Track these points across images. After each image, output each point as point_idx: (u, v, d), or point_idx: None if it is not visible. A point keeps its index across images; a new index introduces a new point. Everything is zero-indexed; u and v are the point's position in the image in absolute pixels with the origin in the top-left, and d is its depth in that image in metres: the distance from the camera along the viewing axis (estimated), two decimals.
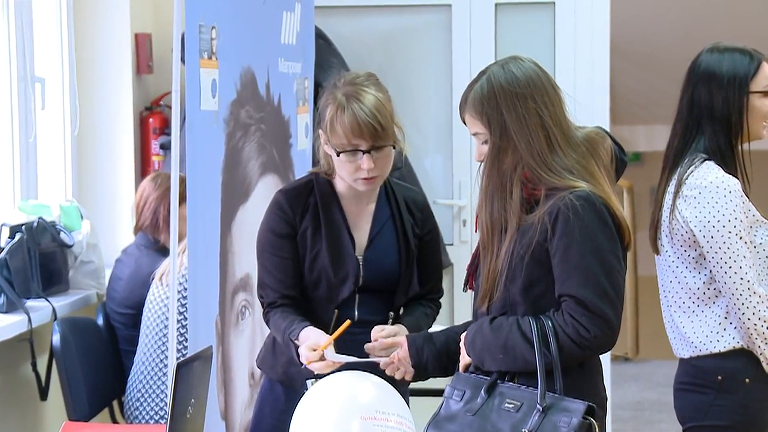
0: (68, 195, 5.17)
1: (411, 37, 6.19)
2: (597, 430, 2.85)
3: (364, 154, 3.28)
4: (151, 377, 4.53)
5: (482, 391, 2.97)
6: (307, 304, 3.41)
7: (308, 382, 2.98)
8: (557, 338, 2.89)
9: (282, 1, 4.56)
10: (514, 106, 2.98)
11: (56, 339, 4.41)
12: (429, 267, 3.50)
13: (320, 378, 2.88)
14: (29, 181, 4.95)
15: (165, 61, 5.39)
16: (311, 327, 3.31)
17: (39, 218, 4.62)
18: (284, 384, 3.45)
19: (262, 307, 3.47)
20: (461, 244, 6.18)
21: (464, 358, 3.07)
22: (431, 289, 3.52)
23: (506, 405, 2.92)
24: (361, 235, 3.42)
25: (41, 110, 5.01)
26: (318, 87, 5.58)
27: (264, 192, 4.37)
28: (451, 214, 6.20)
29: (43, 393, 4.48)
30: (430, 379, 5.90)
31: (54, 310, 4.48)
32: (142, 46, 5.37)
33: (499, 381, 2.98)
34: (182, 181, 3.87)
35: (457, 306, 6.18)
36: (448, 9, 6.14)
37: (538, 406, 2.87)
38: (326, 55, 5.79)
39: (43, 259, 4.58)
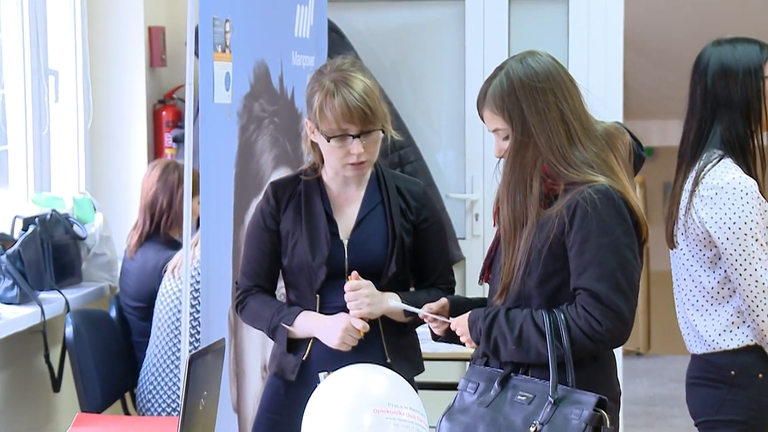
0: (81, 187, 5.18)
1: (424, 30, 6.19)
2: (608, 422, 2.84)
3: (354, 138, 3.29)
4: (163, 369, 4.54)
5: (496, 384, 2.98)
6: (290, 293, 3.46)
7: (320, 375, 2.98)
8: (569, 331, 2.90)
9: None
10: (534, 100, 2.98)
11: (69, 331, 4.42)
12: (430, 256, 3.48)
13: (333, 371, 2.88)
14: (43, 174, 4.97)
15: (178, 54, 5.39)
16: (306, 311, 3.37)
17: (52, 211, 4.63)
18: (278, 376, 3.47)
19: (237, 292, 3.51)
20: (474, 238, 6.18)
21: (465, 336, 3.10)
22: (438, 279, 3.50)
23: (519, 397, 2.93)
24: (348, 219, 3.42)
25: (55, 103, 5.02)
26: None
27: None
28: (464, 209, 6.20)
29: (56, 385, 4.50)
30: (441, 373, 5.90)
31: (67, 302, 4.49)
32: (156, 39, 5.37)
33: (512, 373, 2.98)
34: (195, 174, 3.88)
35: None
36: (461, 3, 6.13)
37: (549, 398, 2.88)
38: (339, 49, 5.79)
39: (56, 251, 4.60)
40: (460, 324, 3.11)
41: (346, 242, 3.39)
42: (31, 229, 4.46)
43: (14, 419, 4.38)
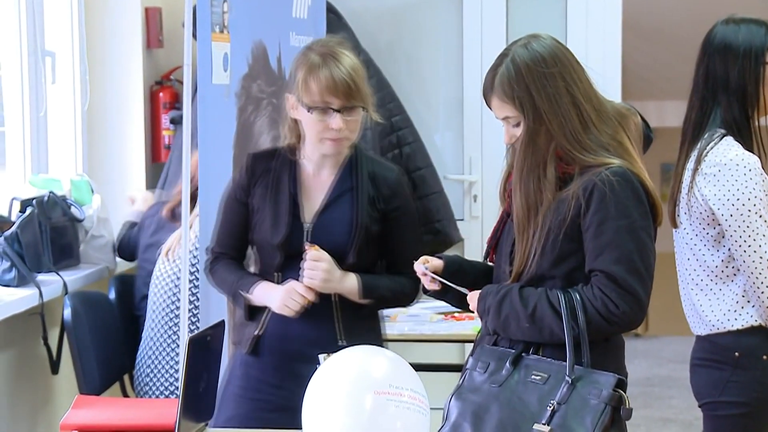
0: (79, 169, 5.17)
1: (421, 11, 6.17)
2: (628, 402, 2.83)
3: (335, 112, 3.29)
4: (160, 352, 4.54)
5: (507, 363, 2.96)
6: (258, 267, 3.49)
7: (320, 356, 2.98)
8: (586, 312, 2.89)
9: None
10: (544, 86, 2.96)
11: (67, 313, 4.41)
12: (398, 245, 3.47)
13: (332, 353, 2.87)
14: (40, 156, 4.95)
15: (175, 35, 5.38)
16: (264, 281, 3.40)
17: (50, 192, 4.62)
18: (237, 346, 3.50)
19: (207, 256, 3.57)
20: (472, 219, 6.17)
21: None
22: (405, 268, 3.43)
23: (533, 377, 2.91)
24: (315, 203, 3.42)
25: (52, 84, 5.00)
26: None
27: None
28: (462, 190, 6.19)
29: (55, 367, 4.49)
30: (440, 354, 5.90)
31: (65, 284, 4.49)
32: (153, 19, 5.35)
33: (523, 353, 2.97)
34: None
35: None
36: None
37: (566, 378, 2.85)
38: (337, 30, 5.77)
39: (54, 233, 4.58)
40: (471, 297, 3.10)
41: (309, 226, 3.39)
42: (28, 211, 4.45)
43: (13, 402, 4.37)
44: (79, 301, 4.47)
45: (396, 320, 4.92)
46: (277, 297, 3.37)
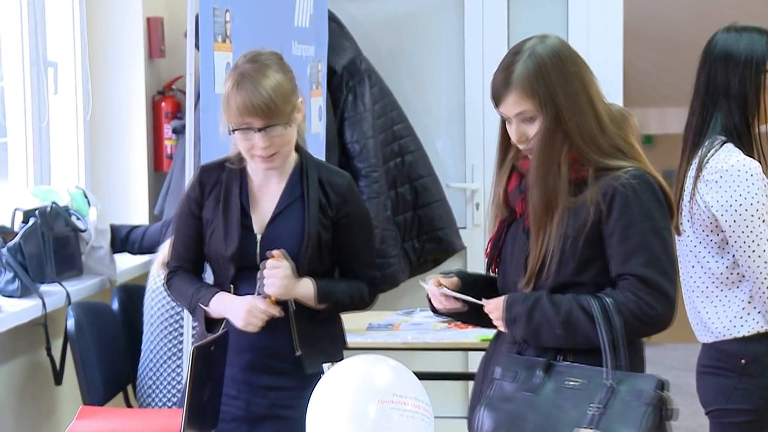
0: (81, 180, 5.17)
1: (423, 19, 6.18)
2: (671, 403, 2.81)
3: (256, 132, 3.28)
4: (160, 365, 4.53)
5: (538, 371, 2.92)
6: (215, 279, 3.50)
7: (324, 366, 2.98)
8: (621, 315, 2.86)
9: None
10: (563, 83, 2.93)
11: (70, 323, 4.41)
12: (350, 251, 3.46)
13: (336, 362, 2.87)
14: (42, 166, 4.96)
15: (177, 45, 5.38)
16: (222, 292, 3.40)
17: (53, 203, 4.62)
18: None
19: (165, 273, 3.58)
20: (474, 227, 6.17)
21: (498, 318, 3.02)
22: (359, 274, 3.47)
23: (568, 383, 2.88)
24: (265, 213, 3.42)
25: (54, 95, 5.01)
26: (330, 70, 5.58)
27: None
28: (464, 198, 6.19)
29: (58, 377, 4.49)
30: (443, 363, 5.89)
31: (68, 294, 4.48)
32: (154, 30, 5.36)
33: (552, 361, 2.94)
34: None
35: None
36: None
37: (605, 382, 2.83)
38: (339, 39, 5.78)
39: (56, 243, 4.58)
40: (496, 307, 3.02)
41: (259, 237, 3.38)
42: (31, 221, 4.45)
43: (17, 413, 4.37)
44: (83, 311, 4.46)
45: (399, 329, 4.92)
46: (239, 315, 3.35)
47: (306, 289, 3.37)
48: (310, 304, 3.39)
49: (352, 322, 5.07)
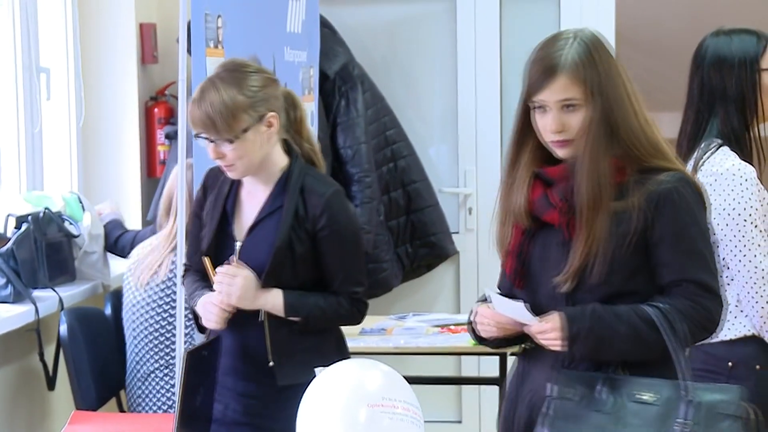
0: (74, 185, 5.17)
1: (416, 26, 6.19)
2: (758, 414, 2.72)
3: (210, 142, 3.31)
4: (147, 376, 4.52)
5: (600, 386, 2.78)
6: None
7: (316, 369, 2.98)
8: (685, 323, 2.76)
9: None
10: (611, 74, 2.81)
11: (63, 329, 4.41)
12: (328, 265, 3.42)
13: (328, 366, 2.88)
14: (35, 172, 4.96)
15: (170, 51, 5.39)
16: (206, 295, 3.41)
17: (45, 209, 4.62)
18: None
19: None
20: (467, 232, 6.18)
21: (555, 336, 2.80)
22: (339, 288, 3.44)
23: (640, 397, 2.75)
24: (247, 221, 3.42)
25: (47, 101, 5.01)
26: (323, 76, 5.59)
27: None
28: (457, 203, 6.20)
29: (51, 383, 4.49)
30: (434, 367, 5.89)
31: (61, 300, 4.49)
32: (147, 35, 5.36)
33: (612, 374, 2.79)
34: None
35: (464, 294, 6.19)
36: None
37: (685, 393, 2.72)
38: (331, 44, 5.79)
39: (49, 249, 4.58)
40: (554, 326, 2.80)
41: (239, 244, 3.39)
42: (24, 227, 4.46)
43: (9, 418, 4.37)
44: (75, 317, 4.47)
45: (392, 333, 4.93)
46: (202, 312, 3.41)
47: (273, 300, 3.35)
48: (281, 315, 3.38)
49: (344, 327, 5.08)
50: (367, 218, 5.81)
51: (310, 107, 4.82)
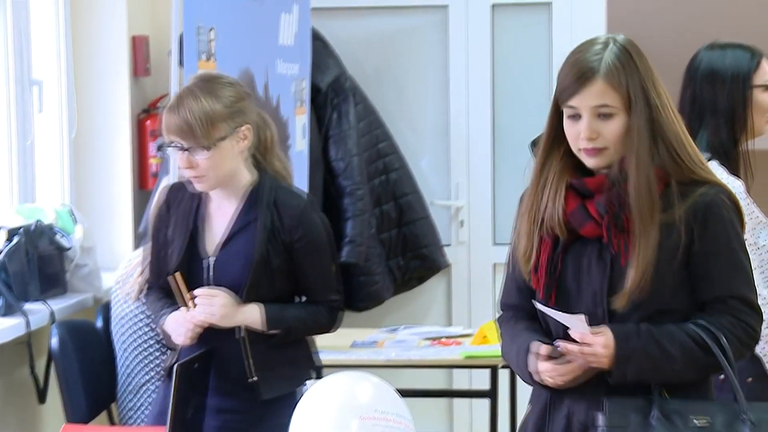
0: (66, 198, 5.17)
1: (407, 38, 6.20)
2: None
3: (181, 151, 3.31)
4: (138, 390, 4.51)
5: (655, 411, 2.65)
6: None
7: (308, 383, 2.98)
8: (733, 342, 2.68)
9: (279, 3, 4.57)
10: (654, 80, 2.70)
11: (54, 342, 4.40)
12: (306, 276, 3.44)
13: (319, 377, 2.88)
14: (27, 185, 4.95)
15: (162, 64, 5.39)
16: (174, 313, 3.41)
17: (37, 221, 4.62)
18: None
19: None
20: (459, 244, 6.18)
21: (605, 358, 2.66)
22: (317, 298, 3.47)
23: (697, 422, 2.65)
24: (218, 236, 3.41)
25: (39, 113, 5.00)
26: (315, 89, 5.60)
27: None
28: (449, 215, 6.20)
29: (42, 396, 4.48)
30: (425, 380, 5.89)
31: (52, 312, 4.48)
32: (140, 48, 5.36)
33: (660, 397, 2.68)
34: None
35: (455, 307, 6.19)
36: (444, 10, 6.14)
37: (745, 415, 2.64)
38: (323, 57, 5.80)
39: (41, 262, 4.58)
40: (606, 342, 2.66)
41: (212, 260, 3.38)
42: (15, 240, 4.45)
43: (0, 431, 4.36)
44: (66, 330, 4.46)
45: (383, 346, 4.93)
46: (172, 327, 3.40)
47: (252, 315, 3.36)
48: (259, 329, 3.38)
49: (335, 339, 5.08)
50: (359, 231, 5.81)
51: (302, 120, 4.82)
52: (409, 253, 6.03)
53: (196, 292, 3.33)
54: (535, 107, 5.82)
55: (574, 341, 2.69)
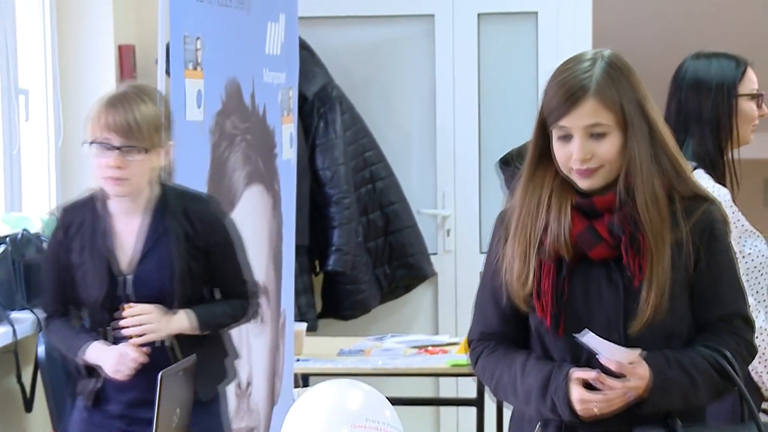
0: (52, 206, 5.15)
1: (394, 47, 6.21)
2: None
3: (113, 150, 3.29)
4: None
5: None
6: (87, 321, 3.47)
7: (294, 391, 2.99)
8: (739, 361, 2.61)
9: (266, 12, 4.56)
10: (646, 96, 2.60)
11: (41, 350, 4.39)
12: (222, 276, 3.48)
13: (306, 387, 2.88)
14: (13, 193, 4.94)
15: (149, 73, 5.38)
16: (97, 341, 3.37)
17: (23, 230, 4.61)
18: (80, 397, 3.50)
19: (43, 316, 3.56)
20: (445, 253, 6.19)
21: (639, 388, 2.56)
22: (230, 293, 3.51)
23: None
24: (133, 252, 3.40)
25: (25, 122, 5.00)
26: (302, 97, 5.60)
27: (250, 202, 4.37)
28: (435, 224, 6.21)
29: (28, 405, 4.47)
30: (413, 388, 5.89)
31: (39, 321, 4.47)
32: (126, 57, 5.36)
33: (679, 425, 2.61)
34: None
35: (441, 316, 6.20)
36: (431, 19, 6.16)
37: None
38: (310, 66, 5.80)
39: (27, 270, 4.57)
40: (643, 374, 2.55)
41: (131, 277, 3.37)
42: (1, 248, 4.44)
43: None
44: None
45: (370, 354, 4.93)
46: (109, 362, 3.35)
47: (183, 322, 3.38)
48: (192, 333, 3.39)
49: (322, 347, 5.09)
50: (346, 239, 5.82)
51: (289, 129, 4.82)
52: (395, 262, 6.04)
53: (126, 312, 3.32)
54: (521, 116, 5.83)
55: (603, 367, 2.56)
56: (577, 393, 2.56)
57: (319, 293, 6.06)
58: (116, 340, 3.38)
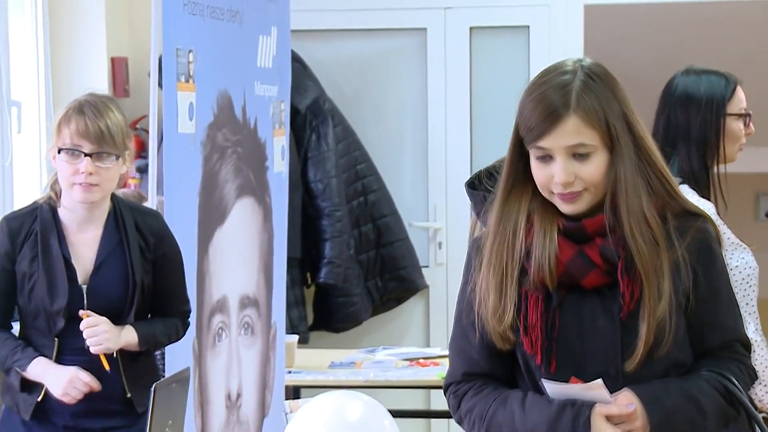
0: None
1: (386, 60, 6.23)
2: None
3: (84, 156, 3.30)
4: None
5: None
6: (28, 334, 3.42)
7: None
8: (745, 388, 2.45)
9: (258, 25, 4.58)
10: (631, 109, 2.38)
11: None
12: (168, 290, 3.49)
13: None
14: (5, 205, 4.95)
15: (141, 85, 5.40)
16: (40, 358, 3.34)
17: None
18: (13, 411, 3.44)
19: None
20: (437, 266, 6.20)
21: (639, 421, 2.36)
22: (173, 309, 3.52)
23: None
24: (87, 262, 3.39)
25: (17, 134, 5.01)
26: (294, 110, 5.62)
27: (240, 215, 4.38)
28: (427, 237, 6.23)
29: None
30: (406, 401, 5.89)
31: None
32: (119, 69, 5.38)
33: None
34: None
35: (433, 328, 6.20)
36: (423, 32, 6.18)
37: None
38: (302, 79, 5.82)
39: None
40: (638, 413, 2.34)
41: (85, 288, 3.37)
42: None
43: None
44: None
45: (361, 367, 4.94)
46: (59, 385, 3.31)
47: (129, 336, 3.38)
48: (133, 349, 3.40)
49: (313, 359, 5.10)
50: (337, 252, 5.83)
51: (281, 142, 4.83)
52: (387, 275, 6.05)
53: (84, 323, 3.31)
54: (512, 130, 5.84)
55: None
56: (603, 429, 2.35)
57: (311, 305, 6.07)
58: (65, 350, 3.36)
